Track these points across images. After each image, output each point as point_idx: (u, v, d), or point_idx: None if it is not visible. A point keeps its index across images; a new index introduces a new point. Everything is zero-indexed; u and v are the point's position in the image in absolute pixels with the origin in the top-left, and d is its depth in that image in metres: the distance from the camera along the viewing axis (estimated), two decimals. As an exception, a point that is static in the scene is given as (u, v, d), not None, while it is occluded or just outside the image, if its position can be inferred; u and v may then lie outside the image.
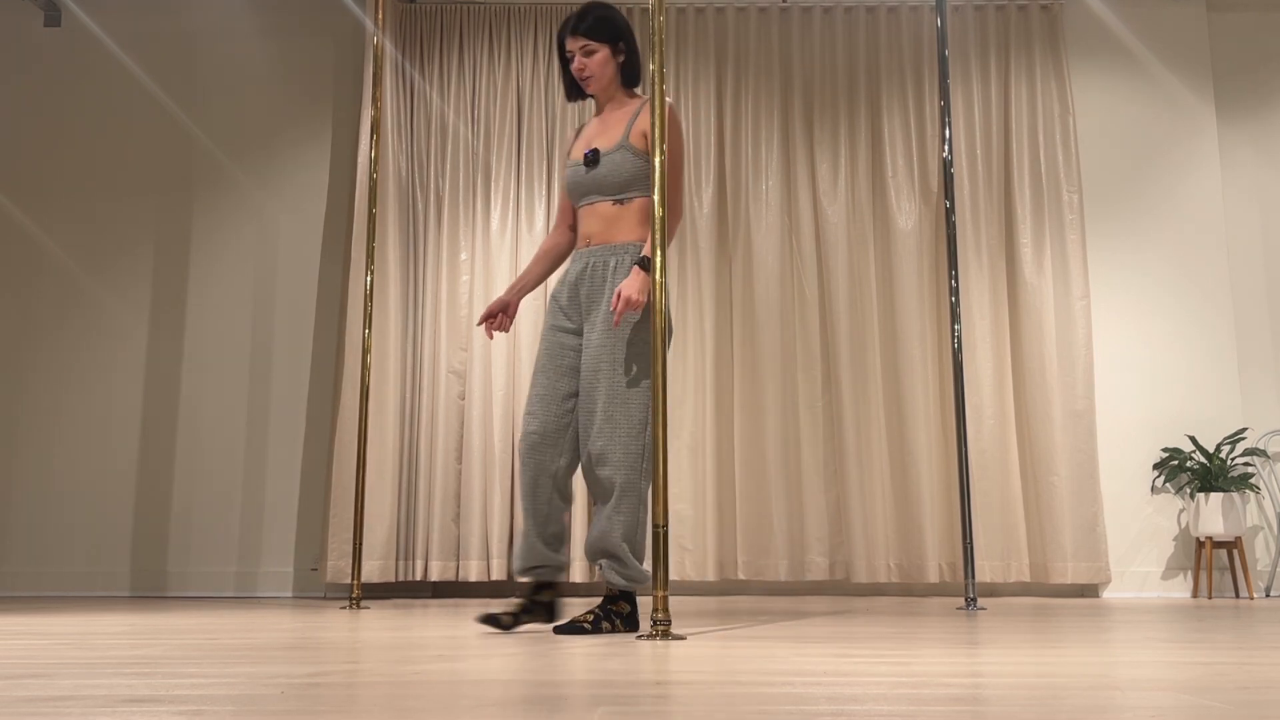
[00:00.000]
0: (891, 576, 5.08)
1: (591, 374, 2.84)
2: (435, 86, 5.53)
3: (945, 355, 5.23)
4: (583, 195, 2.98)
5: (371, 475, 4.97)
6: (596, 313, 2.89)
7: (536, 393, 2.92)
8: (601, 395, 2.81)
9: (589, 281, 2.92)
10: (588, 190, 2.96)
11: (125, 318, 5.49)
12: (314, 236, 5.55)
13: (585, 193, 2.97)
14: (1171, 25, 5.59)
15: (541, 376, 2.93)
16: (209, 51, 5.71)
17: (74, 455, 5.37)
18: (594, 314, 2.90)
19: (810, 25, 5.59)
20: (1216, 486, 4.94)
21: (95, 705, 1.44)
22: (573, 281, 2.95)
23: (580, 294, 2.94)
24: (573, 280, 2.96)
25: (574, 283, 2.95)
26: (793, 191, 5.42)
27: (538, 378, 2.94)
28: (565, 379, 2.91)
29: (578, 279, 2.95)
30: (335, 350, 5.35)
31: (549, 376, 2.91)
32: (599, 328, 2.86)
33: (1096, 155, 5.51)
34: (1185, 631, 2.82)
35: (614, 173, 2.92)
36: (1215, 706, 1.40)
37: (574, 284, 2.95)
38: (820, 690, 1.59)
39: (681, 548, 5.08)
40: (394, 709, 1.40)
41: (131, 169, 5.62)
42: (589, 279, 2.92)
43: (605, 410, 2.80)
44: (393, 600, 4.87)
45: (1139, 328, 5.37)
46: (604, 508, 2.81)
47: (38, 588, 5.25)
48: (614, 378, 2.82)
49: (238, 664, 1.99)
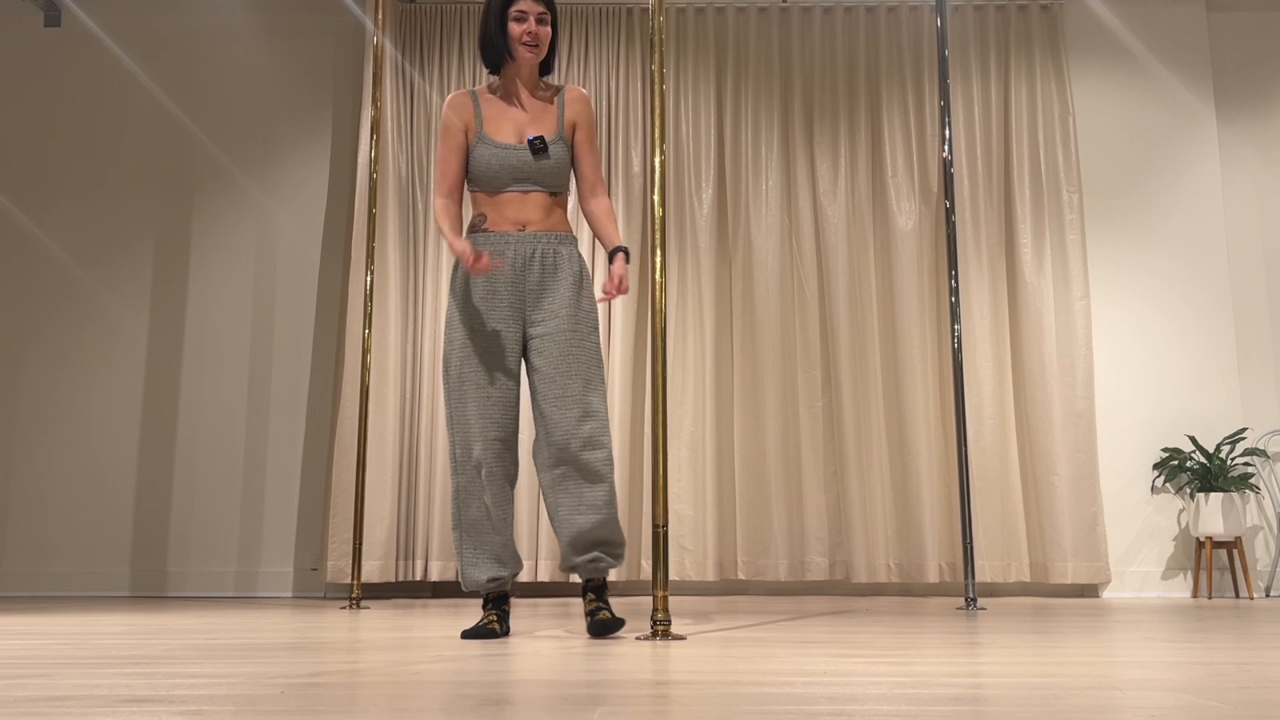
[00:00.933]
0: (891, 576, 5.08)
1: (561, 358, 2.78)
2: (435, 86, 5.53)
3: (945, 355, 5.23)
4: (517, 180, 2.86)
5: (371, 475, 4.96)
6: (552, 299, 2.82)
7: (495, 397, 2.80)
8: (579, 379, 2.78)
9: (539, 268, 2.82)
10: (526, 177, 2.86)
11: (125, 318, 5.49)
12: (314, 236, 5.55)
13: (522, 179, 2.86)
14: (1171, 25, 5.59)
15: (490, 377, 2.80)
16: (209, 51, 5.71)
17: (74, 455, 5.37)
18: (547, 301, 2.82)
19: (810, 25, 5.59)
20: (1216, 486, 4.94)
21: (95, 705, 1.44)
22: (519, 265, 2.82)
23: (527, 279, 2.82)
24: (519, 264, 2.82)
25: (520, 266, 2.82)
26: (793, 191, 5.42)
27: (483, 377, 2.79)
28: (512, 378, 2.84)
29: (525, 263, 2.82)
30: (335, 350, 5.35)
31: (499, 379, 2.81)
32: (562, 314, 2.81)
33: (1096, 155, 5.51)
34: (1185, 631, 2.82)
35: (558, 165, 2.89)
36: (1215, 706, 1.40)
37: (520, 268, 2.82)
38: (820, 690, 1.59)
39: (681, 548, 5.08)
40: (394, 709, 1.40)
41: (131, 169, 5.61)
42: (538, 265, 2.82)
43: (585, 395, 2.77)
44: (393, 600, 4.87)
45: (1139, 327, 5.37)
46: (590, 494, 2.75)
47: (38, 588, 5.25)
48: (591, 363, 2.81)
49: (238, 664, 1.99)
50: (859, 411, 5.19)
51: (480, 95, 2.95)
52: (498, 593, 2.86)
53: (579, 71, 5.51)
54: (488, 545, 2.83)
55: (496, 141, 2.88)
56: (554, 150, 2.88)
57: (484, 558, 2.83)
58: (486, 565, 2.83)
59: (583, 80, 5.50)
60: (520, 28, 2.87)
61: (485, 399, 2.80)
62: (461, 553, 2.86)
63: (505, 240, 2.84)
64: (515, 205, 2.86)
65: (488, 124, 2.91)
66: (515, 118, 2.91)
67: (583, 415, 2.76)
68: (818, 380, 5.24)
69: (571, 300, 2.82)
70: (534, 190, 2.87)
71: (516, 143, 2.87)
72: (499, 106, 2.93)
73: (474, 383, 2.80)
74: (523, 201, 2.86)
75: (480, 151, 2.87)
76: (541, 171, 2.87)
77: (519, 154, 2.86)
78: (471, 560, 2.84)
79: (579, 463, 2.75)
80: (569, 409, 2.75)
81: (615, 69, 5.51)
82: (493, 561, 2.83)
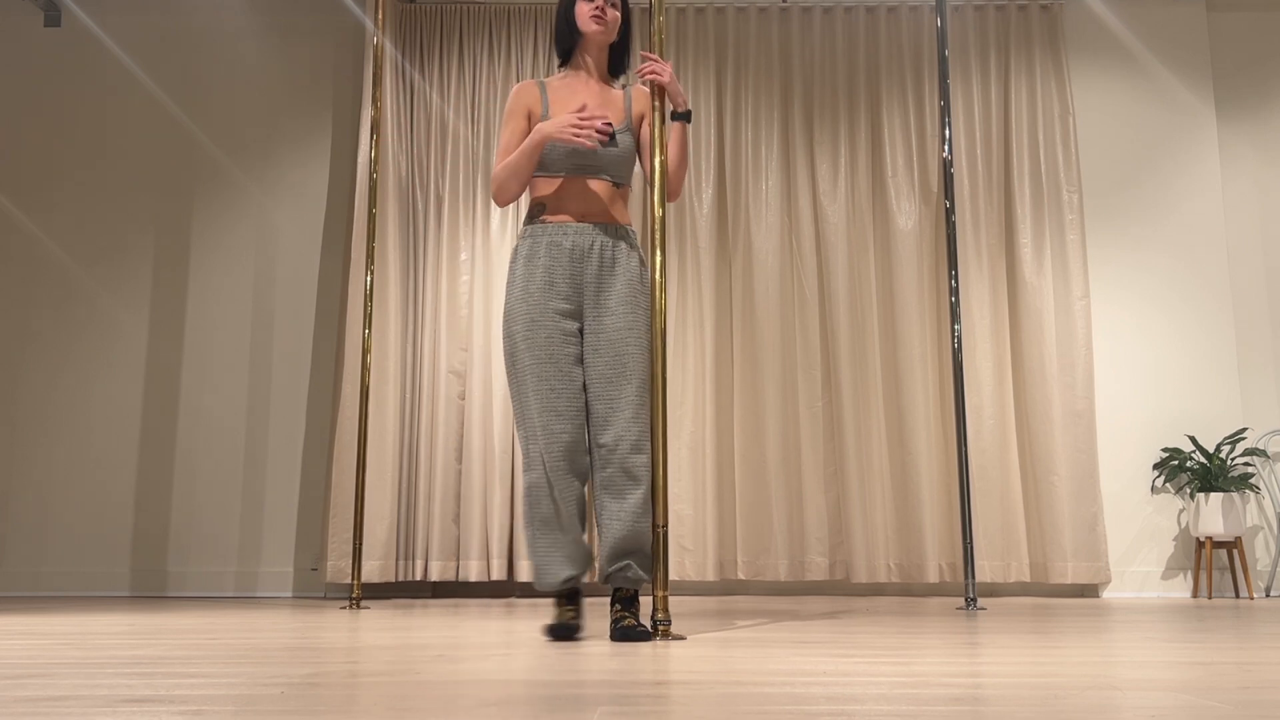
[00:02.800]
0: (891, 576, 5.08)
1: (616, 358, 2.73)
2: (435, 86, 5.53)
3: (945, 355, 5.23)
4: (581, 166, 2.80)
5: (371, 475, 4.96)
6: (609, 295, 2.76)
7: (559, 390, 2.71)
8: (634, 381, 2.72)
9: (597, 261, 2.77)
10: (594, 163, 2.80)
11: (125, 318, 5.49)
12: (314, 236, 5.55)
13: (590, 164, 2.80)
14: (1171, 25, 5.59)
15: (555, 369, 2.72)
16: (209, 51, 5.71)
17: (74, 455, 5.37)
18: (604, 296, 2.76)
19: (810, 25, 5.59)
20: (1216, 486, 4.94)
21: (95, 705, 1.44)
22: (578, 256, 2.76)
23: (585, 271, 2.76)
24: (578, 255, 2.76)
25: (579, 258, 2.76)
26: (793, 191, 5.42)
27: (549, 369, 2.71)
28: (576, 369, 2.75)
29: (584, 255, 2.77)
30: (335, 350, 5.35)
31: (564, 370, 2.72)
32: (618, 311, 2.75)
33: (1096, 155, 5.51)
34: (1185, 631, 2.82)
35: (624, 155, 2.85)
36: (1215, 706, 1.40)
37: (578, 259, 2.76)
38: (820, 690, 1.59)
39: (681, 548, 5.08)
40: (394, 709, 1.40)
41: (131, 169, 5.61)
42: (597, 258, 2.77)
43: (639, 397, 2.72)
44: (393, 600, 4.87)
45: (1139, 327, 5.37)
46: (630, 499, 2.68)
47: (38, 588, 5.25)
48: (644, 364, 2.75)
49: (238, 664, 1.98)
50: (859, 411, 5.18)
51: (549, 84, 2.92)
52: (571, 590, 2.78)
53: (579, 71, 5.51)
54: (559, 545, 2.73)
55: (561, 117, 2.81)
56: (621, 139, 2.83)
57: (557, 557, 2.73)
58: (559, 565, 2.73)
59: (583, 80, 5.50)
60: (589, 6, 2.86)
61: (549, 392, 2.71)
62: (535, 552, 2.76)
63: (564, 231, 2.77)
64: (577, 191, 2.79)
65: (554, 106, 2.86)
66: (583, 102, 2.83)
67: (633, 417, 2.70)
68: (818, 380, 5.24)
69: (629, 299, 2.76)
70: (597, 177, 2.82)
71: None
72: (566, 92, 2.89)
73: (536, 375, 2.72)
74: (584, 188, 2.79)
75: None
76: (607, 158, 2.81)
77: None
78: (545, 559, 2.74)
79: (613, 466, 2.69)
80: (622, 410, 2.70)
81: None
82: (565, 561, 2.73)
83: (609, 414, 2.71)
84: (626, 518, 2.69)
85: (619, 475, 2.69)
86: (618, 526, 2.69)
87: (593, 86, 2.91)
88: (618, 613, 2.71)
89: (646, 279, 2.84)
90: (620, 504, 2.69)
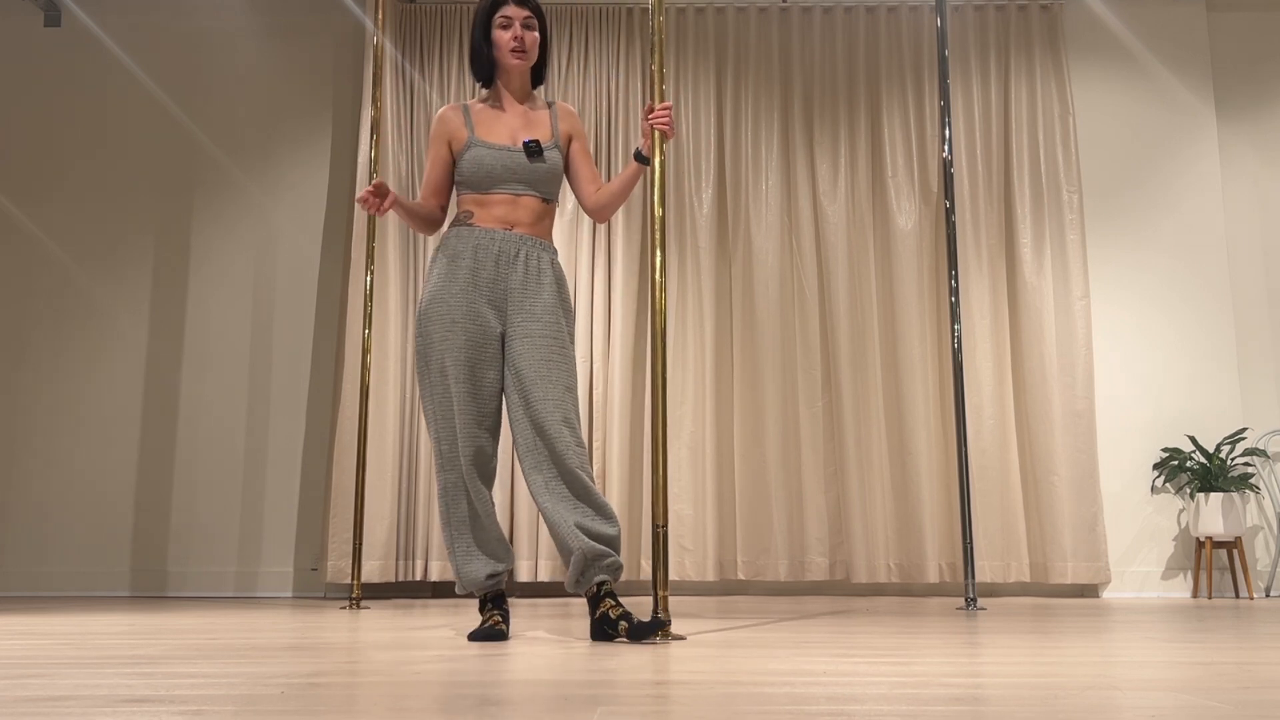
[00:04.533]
0: (891, 576, 5.08)
1: (544, 364, 2.70)
2: (435, 86, 5.53)
3: (945, 355, 5.23)
4: (510, 182, 2.81)
5: (371, 475, 4.96)
6: (535, 303, 2.75)
7: (478, 392, 2.72)
8: (558, 388, 2.70)
9: (523, 269, 2.76)
10: (520, 179, 2.81)
11: (125, 317, 5.49)
12: (314, 236, 5.55)
13: (516, 180, 2.81)
14: (1171, 25, 5.59)
15: (472, 374, 2.72)
16: (209, 51, 5.71)
17: (74, 455, 5.37)
18: (530, 304, 2.75)
19: (810, 25, 5.59)
20: (1216, 486, 4.94)
21: (95, 705, 1.44)
22: (505, 261, 2.76)
23: (511, 276, 2.76)
24: (505, 260, 2.76)
25: (505, 262, 2.76)
26: (793, 191, 5.42)
27: (465, 373, 2.71)
28: (496, 373, 2.77)
29: (510, 261, 2.77)
30: (335, 350, 5.35)
31: (484, 372, 2.73)
32: (545, 320, 2.74)
33: (1096, 155, 5.51)
34: (1185, 631, 2.82)
35: (552, 171, 2.86)
36: (1215, 706, 1.40)
37: (505, 264, 2.76)
38: (820, 690, 1.59)
39: (681, 548, 5.08)
40: (394, 709, 1.40)
41: (131, 169, 5.61)
42: (522, 266, 2.76)
43: (564, 404, 2.69)
44: (392, 600, 4.87)
45: (1139, 328, 5.37)
46: (583, 503, 2.65)
47: (37, 588, 5.25)
48: (571, 372, 2.75)
49: (238, 664, 1.99)
50: (859, 411, 5.19)
51: (471, 107, 2.92)
52: (495, 591, 2.81)
53: (579, 72, 5.51)
54: (481, 541, 2.77)
55: (490, 143, 2.83)
56: (549, 155, 2.85)
57: (479, 554, 2.77)
58: (483, 561, 2.76)
59: (582, 81, 5.50)
60: (506, 34, 2.84)
61: (468, 397, 2.72)
62: (454, 552, 2.79)
63: (491, 236, 2.77)
64: (506, 206, 2.81)
65: (479, 129, 2.87)
66: (508, 123, 2.87)
67: (564, 420, 2.68)
68: (818, 380, 5.24)
69: (554, 306, 2.77)
70: (525, 194, 2.83)
71: (511, 144, 2.84)
72: (491, 114, 2.90)
73: (455, 377, 2.71)
74: (514, 203, 2.81)
75: (473, 153, 2.82)
76: (535, 175, 2.82)
77: (513, 155, 2.82)
78: (466, 558, 2.77)
79: (571, 468, 2.66)
80: (554, 412, 2.68)
81: (615, 69, 5.51)
82: (488, 557, 2.77)
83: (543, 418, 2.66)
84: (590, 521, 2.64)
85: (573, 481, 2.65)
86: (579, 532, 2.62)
87: (516, 108, 2.91)
88: (615, 608, 2.63)
89: (569, 302, 2.84)
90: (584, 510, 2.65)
